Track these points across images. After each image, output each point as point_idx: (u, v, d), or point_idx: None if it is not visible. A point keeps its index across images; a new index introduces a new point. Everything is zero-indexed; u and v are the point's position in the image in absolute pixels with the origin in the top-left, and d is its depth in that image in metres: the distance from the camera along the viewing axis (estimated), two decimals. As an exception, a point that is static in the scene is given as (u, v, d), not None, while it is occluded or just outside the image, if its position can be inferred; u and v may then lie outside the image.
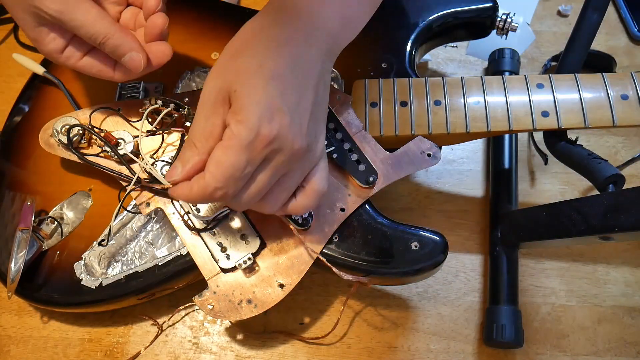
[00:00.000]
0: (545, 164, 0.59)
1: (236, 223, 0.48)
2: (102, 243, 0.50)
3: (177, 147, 0.50)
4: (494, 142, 0.61)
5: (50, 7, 0.40)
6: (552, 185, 0.60)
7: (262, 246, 0.47)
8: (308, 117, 0.38)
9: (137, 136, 0.50)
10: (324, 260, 0.46)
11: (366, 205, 0.48)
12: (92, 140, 0.51)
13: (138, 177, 0.48)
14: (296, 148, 0.37)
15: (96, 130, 0.51)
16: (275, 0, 0.42)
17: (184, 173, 0.39)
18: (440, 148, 0.49)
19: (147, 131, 0.51)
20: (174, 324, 0.55)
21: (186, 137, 0.43)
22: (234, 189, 0.37)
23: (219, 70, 0.38)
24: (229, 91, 0.37)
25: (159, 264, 0.49)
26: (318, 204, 0.42)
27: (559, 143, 0.51)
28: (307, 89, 0.38)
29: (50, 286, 0.51)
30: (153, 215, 0.51)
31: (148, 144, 0.51)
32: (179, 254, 0.49)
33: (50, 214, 0.53)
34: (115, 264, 0.50)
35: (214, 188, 0.37)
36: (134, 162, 0.50)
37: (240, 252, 0.46)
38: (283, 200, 0.41)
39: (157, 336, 0.54)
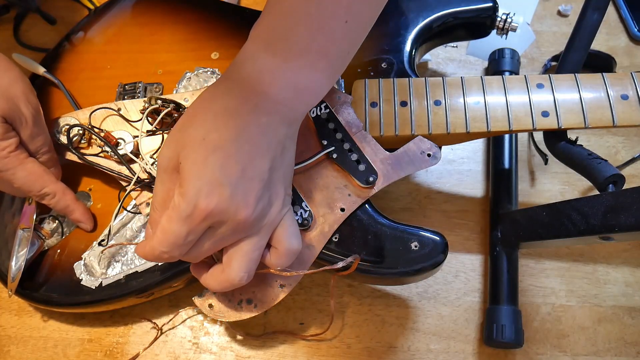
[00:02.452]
0: (545, 164, 0.59)
1: (236, 223, 0.47)
2: (102, 243, 0.50)
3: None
4: (494, 142, 0.61)
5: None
6: (552, 185, 0.60)
7: (262, 246, 0.47)
8: (257, 185, 0.38)
9: (137, 136, 0.50)
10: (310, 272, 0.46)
11: (366, 205, 0.48)
12: (92, 140, 0.51)
13: (138, 177, 0.48)
14: (240, 218, 0.38)
15: (96, 130, 0.51)
16: (229, 69, 0.41)
17: (149, 234, 0.41)
18: (440, 148, 0.49)
19: (147, 131, 0.51)
20: (174, 327, 0.55)
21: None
22: (178, 253, 0.39)
23: (172, 138, 0.39)
24: (178, 161, 0.38)
25: (159, 263, 0.49)
26: (291, 260, 0.42)
27: (559, 143, 0.51)
28: (256, 158, 0.38)
29: (50, 286, 0.51)
30: (153, 215, 0.51)
31: (148, 144, 0.51)
32: (179, 254, 0.49)
33: (51, 213, 0.53)
34: (115, 264, 0.50)
35: (160, 251, 0.39)
36: (134, 162, 0.50)
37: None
38: (247, 261, 0.40)
39: (156, 338, 0.54)
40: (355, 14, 0.39)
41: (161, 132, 0.50)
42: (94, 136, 0.50)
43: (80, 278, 0.50)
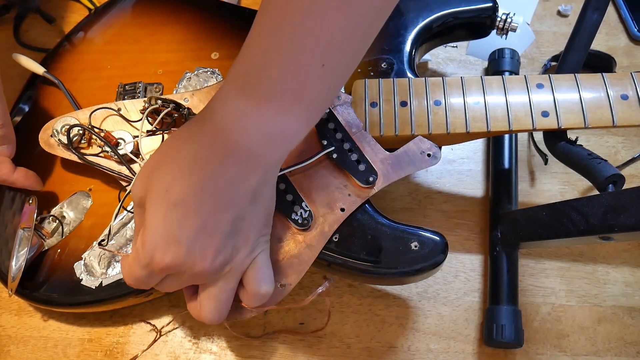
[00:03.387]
0: (545, 164, 0.59)
1: (236, 223, 0.48)
2: (102, 243, 0.50)
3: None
4: (494, 142, 0.61)
5: None
6: (552, 185, 0.60)
7: (262, 246, 0.47)
8: (217, 238, 0.38)
9: (137, 136, 0.50)
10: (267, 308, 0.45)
11: (366, 205, 0.48)
12: (92, 140, 0.51)
13: (138, 177, 0.48)
14: (197, 271, 0.38)
15: (96, 130, 0.51)
16: (205, 109, 0.40)
17: None
18: (440, 148, 0.49)
19: (147, 131, 0.51)
20: (173, 329, 0.55)
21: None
22: (145, 287, 0.41)
23: (143, 174, 0.39)
24: (144, 201, 0.39)
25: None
26: (262, 301, 0.43)
27: (559, 143, 0.51)
28: (219, 211, 0.38)
29: (50, 286, 0.51)
30: (153, 215, 0.51)
31: (148, 144, 0.51)
32: (179, 254, 0.49)
33: (52, 213, 0.53)
34: (115, 264, 0.50)
35: (128, 282, 0.41)
36: (134, 162, 0.50)
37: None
38: (216, 303, 0.41)
39: (154, 341, 0.54)
40: (333, 58, 0.36)
41: (161, 132, 0.50)
42: (94, 136, 0.50)
43: (81, 278, 0.50)
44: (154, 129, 0.51)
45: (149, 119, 0.51)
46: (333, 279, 0.47)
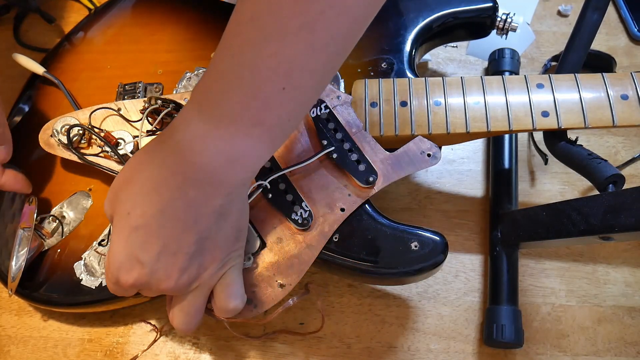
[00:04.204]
0: (545, 164, 0.59)
1: (236, 223, 0.48)
2: (102, 243, 0.50)
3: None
4: (494, 142, 0.61)
5: None
6: (552, 185, 0.60)
7: (262, 246, 0.47)
8: (181, 258, 0.38)
9: (137, 136, 0.50)
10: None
11: (366, 205, 0.48)
12: (92, 140, 0.51)
13: (138, 177, 0.48)
14: (162, 288, 0.39)
15: (96, 130, 0.51)
16: (167, 129, 0.39)
17: None
18: (440, 148, 0.49)
19: (147, 131, 0.51)
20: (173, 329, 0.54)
21: None
22: (124, 295, 0.42)
23: (110, 196, 0.41)
24: (112, 221, 0.40)
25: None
26: (231, 315, 0.43)
27: (559, 143, 0.51)
28: (181, 233, 0.38)
29: (50, 286, 0.51)
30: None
31: (148, 144, 0.51)
32: (179, 254, 0.49)
33: (52, 213, 0.53)
34: (115, 264, 0.50)
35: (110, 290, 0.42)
36: (134, 162, 0.50)
37: (240, 252, 0.46)
38: (185, 315, 0.42)
39: (155, 341, 0.54)
40: (294, 81, 0.35)
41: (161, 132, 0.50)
42: (94, 136, 0.50)
43: (80, 278, 0.50)
44: (154, 129, 0.51)
45: (149, 119, 0.51)
46: (310, 291, 0.48)
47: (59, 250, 0.52)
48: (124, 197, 0.39)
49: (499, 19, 0.56)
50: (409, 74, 0.54)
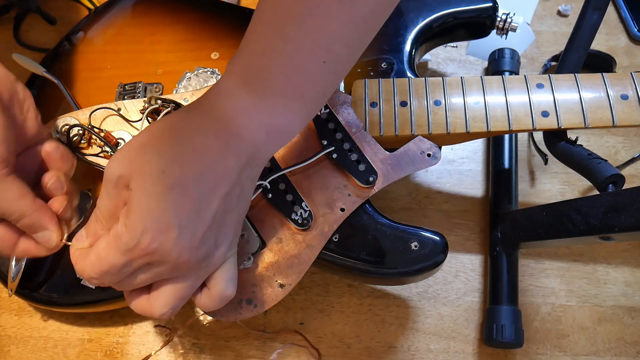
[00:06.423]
0: (545, 164, 0.59)
1: (236, 223, 0.47)
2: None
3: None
4: (494, 142, 0.61)
5: None
6: (552, 185, 0.60)
7: (262, 246, 0.47)
8: (204, 228, 0.36)
9: (137, 136, 0.50)
10: None
11: (366, 205, 0.48)
12: (92, 140, 0.51)
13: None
14: (181, 261, 0.36)
15: (96, 130, 0.51)
16: (202, 101, 0.39)
17: (88, 244, 0.39)
18: (440, 148, 0.49)
19: (147, 131, 0.51)
20: (174, 328, 0.55)
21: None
22: (109, 281, 0.38)
23: (125, 155, 0.36)
24: (128, 182, 0.36)
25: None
26: (222, 304, 0.41)
27: (559, 143, 0.51)
28: (211, 200, 0.37)
29: (50, 286, 0.51)
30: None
31: (148, 144, 0.51)
32: (178, 254, 0.49)
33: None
34: (115, 264, 0.50)
35: (89, 276, 0.38)
36: (134, 162, 0.50)
37: (240, 252, 0.46)
38: (175, 299, 0.39)
39: (168, 341, 0.54)
40: (335, 55, 0.37)
41: (161, 132, 0.50)
42: (94, 136, 0.50)
43: (81, 278, 0.50)
44: (154, 129, 0.51)
45: (149, 119, 0.51)
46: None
47: (59, 251, 0.52)
48: (156, 155, 0.36)
49: (498, 19, 0.56)
50: (409, 74, 0.54)
